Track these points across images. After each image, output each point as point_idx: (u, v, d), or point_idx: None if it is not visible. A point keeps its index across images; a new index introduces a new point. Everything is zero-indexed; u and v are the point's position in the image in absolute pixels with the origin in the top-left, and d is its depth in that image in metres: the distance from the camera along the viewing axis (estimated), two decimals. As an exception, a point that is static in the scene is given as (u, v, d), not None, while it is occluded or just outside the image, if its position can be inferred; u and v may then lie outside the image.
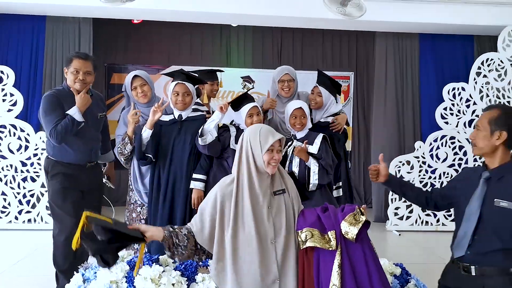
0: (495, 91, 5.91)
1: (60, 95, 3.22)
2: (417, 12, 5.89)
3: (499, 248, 2.01)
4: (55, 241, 3.29)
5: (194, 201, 3.16)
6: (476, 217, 2.05)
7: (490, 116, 2.10)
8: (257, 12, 5.77)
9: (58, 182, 3.25)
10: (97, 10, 5.66)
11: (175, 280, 2.69)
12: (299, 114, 3.21)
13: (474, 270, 2.04)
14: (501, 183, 2.05)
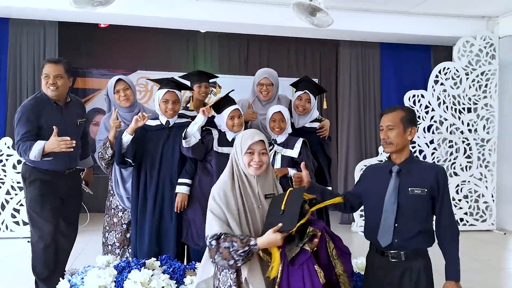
0: (451, 98, 6.26)
1: (38, 105, 3.14)
2: (378, 23, 6.19)
3: (418, 231, 2.22)
4: (34, 248, 3.22)
5: (178, 204, 3.18)
6: (395, 207, 2.25)
7: (400, 116, 2.31)
8: (224, 19, 5.87)
9: (37, 189, 3.19)
10: (63, 14, 5.57)
11: (164, 283, 2.73)
12: (278, 118, 3.27)
13: (403, 255, 2.24)
14: (410, 174, 2.27)
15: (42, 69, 3.20)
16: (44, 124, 3.13)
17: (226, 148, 3.15)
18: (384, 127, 2.32)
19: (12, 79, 5.81)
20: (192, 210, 3.15)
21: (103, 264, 2.96)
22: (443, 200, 2.24)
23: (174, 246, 3.19)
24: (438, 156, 6.26)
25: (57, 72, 3.17)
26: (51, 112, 3.17)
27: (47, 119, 3.14)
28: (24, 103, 3.18)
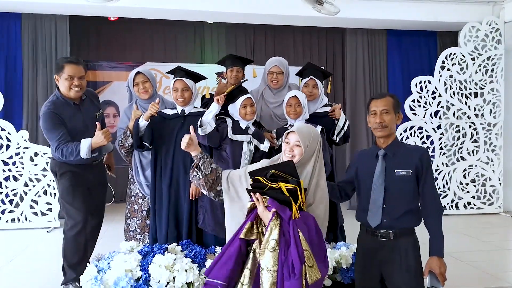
0: (458, 83, 6.33)
1: (57, 109, 3.20)
2: (384, 10, 6.24)
3: (405, 211, 2.35)
4: (66, 236, 3.36)
5: (192, 192, 3.29)
6: (382, 188, 2.37)
7: (391, 102, 2.43)
8: (231, 10, 5.93)
9: (67, 180, 3.31)
10: (73, 8, 5.66)
11: (187, 266, 2.85)
12: (294, 102, 3.35)
13: (391, 235, 2.37)
14: (396, 157, 2.39)
15: (61, 70, 3.21)
16: (68, 125, 3.22)
17: (239, 135, 3.26)
18: (378, 111, 2.41)
19: (26, 74, 5.92)
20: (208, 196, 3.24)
21: (127, 250, 3.08)
22: (426, 179, 2.34)
23: (187, 231, 3.30)
24: (445, 141, 6.35)
25: (81, 73, 3.26)
26: (71, 113, 3.26)
27: (69, 120, 3.23)
28: (44, 110, 3.20)
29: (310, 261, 1.96)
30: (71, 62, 3.24)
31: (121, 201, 6.94)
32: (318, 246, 2.04)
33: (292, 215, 2.01)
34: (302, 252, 1.97)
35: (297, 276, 1.91)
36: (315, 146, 2.29)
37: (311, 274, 1.95)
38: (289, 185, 2.03)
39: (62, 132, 3.16)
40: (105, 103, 7.16)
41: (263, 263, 2.03)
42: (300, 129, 2.31)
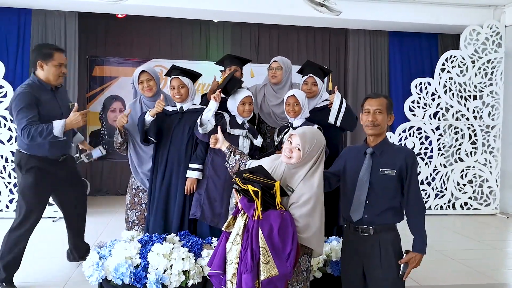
0: (457, 85, 6.43)
1: (34, 91, 3.19)
2: (387, 12, 6.35)
3: (387, 208, 2.44)
4: (9, 234, 3.31)
5: (188, 188, 3.41)
6: (367, 185, 2.47)
7: (385, 102, 2.54)
8: (236, 9, 6.07)
9: (32, 176, 3.27)
10: (83, 4, 5.82)
11: (184, 255, 2.99)
12: (292, 101, 3.39)
13: (371, 230, 2.47)
14: (383, 156, 2.48)
15: (49, 57, 3.23)
16: (43, 110, 3.21)
17: (237, 130, 3.36)
18: (371, 110, 2.51)
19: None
20: (206, 189, 3.35)
21: (128, 239, 3.23)
22: (410, 180, 2.43)
23: (178, 223, 3.41)
24: (444, 142, 6.45)
25: (66, 61, 3.36)
26: (47, 98, 3.27)
27: (44, 104, 3.23)
28: (21, 90, 3.17)
29: (266, 258, 2.09)
30: (60, 50, 3.31)
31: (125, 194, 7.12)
32: (279, 244, 2.13)
33: (255, 214, 2.14)
34: (257, 249, 2.11)
35: (248, 270, 2.09)
36: (316, 153, 2.37)
37: (265, 270, 2.08)
38: (254, 188, 2.18)
39: (34, 113, 3.13)
40: (112, 98, 7.34)
41: (228, 256, 2.22)
42: (304, 134, 2.37)
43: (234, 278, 2.17)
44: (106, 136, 7.36)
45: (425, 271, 2.46)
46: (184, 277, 2.94)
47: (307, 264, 2.37)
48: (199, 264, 3.02)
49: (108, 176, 7.44)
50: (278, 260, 2.10)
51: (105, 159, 7.14)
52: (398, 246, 2.48)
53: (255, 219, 2.14)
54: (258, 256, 2.10)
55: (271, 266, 2.09)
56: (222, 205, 3.30)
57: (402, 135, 6.31)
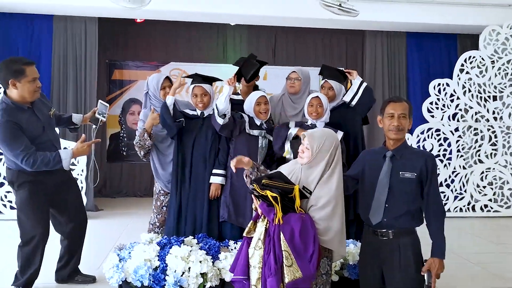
0: (476, 86, 6.35)
1: (12, 117, 2.99)
2: (404, 13, 6.31)
3: (406, 211, 2.42)
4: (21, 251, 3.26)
5: (212, 194, 3.45)
6: (386, 188, 2.46)
7: (407, 107, 2.54)
8: (253, 12, 6.12)
9: (26, 191, 3.15)
10: (103, 10, 5.93)
11: (202, 258, 3.04)
12: (315, 103, 3.41)
13: (391, 234, 2.46)
14: (402, 159, 2.48)
15: (21, 74, 2.98)
16: (26, 132, 3.03)
17: (256, 130, 3.43)
18: (396, 115, 2.50)
19: (56, 73, 6.24)
20: (230, 191, 3.40)
21: (147, 241, 3.30)
22: (430, 184, 2.43)
23: (206, 225, 3.46)
24: (463, 143, 6.38)
25: (38, 73, 3.12)
26: (26, 118, 3.07)
27: (26, 126, 3.04)
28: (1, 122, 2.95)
29: (289, 261, 2.12)
30: (30, 64, 3.06)
31: (144, 195, 7.26)
32: (301, 247, 2.16)
33: (276, 219, 2.17)
34: (280, 252, 2.14)
35: (273, 274, 2.12)
36: (328, 152, 2.37)
37: (289, 273, 2.11)
38: (273, 193, 2.21)
39: (24, 142, 2.98)
40: (131, 101, 7.46)
41: (251, 261, 2.26)
42: (311, 133, 2.42)
43: (258, 282, 2.21)
44: (125, 139, 7.48)
45: (443, 274, 2.44)
46: (202, 279, 2.99)
47: (327, 268, 2.38)
48: (217, 266, 3.07)
49: (127, 178, 7.56)
50: (301, 262, 2.14)
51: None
52: (417, 250, 2.47)
53: (275, 223, 2.17)
54: (281, 260, 2.13)
55: (295, 268, 2.12)
56: (246, 206, 3.35)
57: (420, 137, 6.26)
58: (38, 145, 3.08)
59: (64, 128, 3.78)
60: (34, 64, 3.10)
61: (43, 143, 3.13)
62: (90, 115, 3.71)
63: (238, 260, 2.36)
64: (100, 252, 4.26)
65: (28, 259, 3.23)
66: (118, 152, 7.48)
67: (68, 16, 6.21)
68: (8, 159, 3.13)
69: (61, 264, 3.53)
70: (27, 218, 3.19)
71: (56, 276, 3.55)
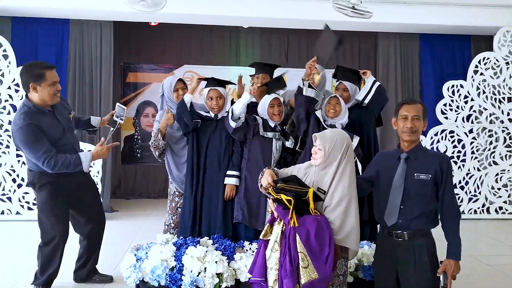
0: (491, 88, 6.32)
1: (34, 120, 3.06)
2: (417, 14, 6.29)
3: (421, 213, 2.44)
4: (41, 251, 3.33)
5: (227, 194, 3.49)
6: (401, 190, 2.48)
7: (422, 109, 2.54)
8: (265, 15, 6.14)
9: (47, 192, 3.21)
10: (118, 14, 6.01)
11: (217, 258, 3.08)
12: (334, 102, 3.49)
13: (406, 235, 2.48)
14: (417, 161, 2.49)
15: (41, 77, 3.06)
16: (47, 135, 3.11)
17: (270, 132, 3.47)
18: (409, 117, 2.52)
19: (72, 76, 6.34)
20: (244, 193, 3.43)
21: (163, 242, 3.35)
22: (445, 185, 2.44)
23: (221, 226, 3.50)
24: (477, 145, 6.34)
25: (58, 77, 3.20)
26: (48, 121, 3.15)
27: (48, 129, 3.12)
28: (22, 124, 3.03)
29: (305, 262, 2.16)
30: (50, 68, 3.13)
31: (158, 197, 7.33)
32: (317, 248, 2.20)
33: (291, 222, 2.21)
34: (296, 254, 2.18)
35: (288, 276, 2.16)
36: (339, 152, 2.40)
37: (305, 274, 2.15)
38: (287, 197, 2.26)
39: (46, 144, 3.05)
40: (145, 103, 7.55)
41: (269, 263, 2.30)
42: (323, 134, 2.45)
43: (275, 284, 2.24)
44: (139, 141, 7.56)
45: (458, 276, 2.44)
46: (218, 279, 3.02)
47: (344, 269, 2.41)
48: (232, 267, 3.10)
49: (141, 179, 7.64)
50: (317, 264, 2.17)
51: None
52: (432, 252, 2.48)
53: (291, 226, 2.20)
54: (297, 261, 2.16)
55: (311, 270, 2.15)
56: (259, 207, 3.38)
57: (434, 139, 6.24)
58: (59, 148, 3.15)
59: (83, 130, 3.84)
60: (54, 68, 3.17)
61: (63, 145, 3.21)
62: (108, 117, 3.80)
63: (256, 262, 2.40)
64: (116, 253, 4.33)
65: (48, 259, 3.30)
66: (133, 154, 7.57)
67: (84, 20, 6.30)
68: (30, 161, 3.19)
69: (80, 263, 3.59)
70: (47, 219, 3.26)
71: (74, 275, 3.62)
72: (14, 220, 5.72)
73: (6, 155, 5.74)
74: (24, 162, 5.70)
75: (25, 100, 3.15)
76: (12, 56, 5.68)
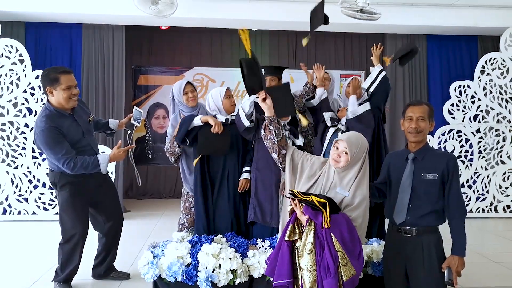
0: (498, 88, 6.38)
1: (55, 122, 3.18)
2: (424, 16, 6.37)
3: (430, 211, 2.52)
4: (62, 248, 3.45)
5: (241, 186, 3.58)
6: (409, 189, 2.55)
7: (427, 110, 2.62)
8: (274, 18, 6.25)
9: (67, 192, 3.33)
10: (130, 18, 6.13)
11: (231, 255, 3.17)
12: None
13: (414, 231, 2.56)
14: (424, 160, 2.57)
15: (56, 81, 3.17)
16: (67, 137, 3.22)
17: None
18: (414, 117, 2.60)
19: (85, 79, 6.48)
20: (255, 193, 3.53)
21: (179, 239, 3.45)
22: (451, 184, 2.51)
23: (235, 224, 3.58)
24: (485, 144, 6.40)
25: (75, 81, 3.28)
26: (68, 124, 3.26)
27: (67, 132, 3.23)
28: (44, 126, 3.15)
29: (344, 260, 2.24)
30: (66, 72, 3.23)
31: (170, 197, 7.46)
32: (351, 245, 2.29)
33: (324, 223, 2.27)
34: (336, 253, 2.25)
35: (332, 275, 2.22)
36: (362, 155, 2.51)
37: (346, 272, 2.23)
38: (320, 199, 2.32)
39: (66, 146, 3.17)
40: (155, 106, 7.68)
41: (303, 264, 2.35)
42: (349, 138, 2.53)
43: (314, 284, 2.29)
44: (151, 142, 7.69)
45: (467, 273, 2.52)
46: (232, 275, 3.11)
47: None
48: (246, 263, 3.20)
49: (152, 180, 7.77)
50: (353, 260, 2.26)
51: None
52: (440, 248, 2.55)
53: (324, 227, 2.27)
54: (338, 260, 2.24)
55: (350, 267, 2.24)
56: (271, 205, 3.47)
57: (442, 138, 6.31)
58: (78, 149, 3.28)
59: (101, 132, 3.97)
60: (71, 73, 3.28)
61: (83, 147, 3.34)
62: (126, 120, 3.93)
63: (280, 265, 2.42)
64: (132, 251, 4.45)
65: (68, 256, 3.42)
66: (144, 155, 7.70)
67: (96, 25, 6.44)
68: (51, 162, 3.32)
69: (98, 261, 3.71)
70: (68, 217, 3.38)
71: (92, 272, 3.74)
72: (30, 220, 5.87)
73: (23, 157, 5.88)
74: (40, 163, 5.87)
75: (46, 103, 3.29)
76: (27, 60, 5.84)
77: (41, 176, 5.88)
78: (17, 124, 5.88)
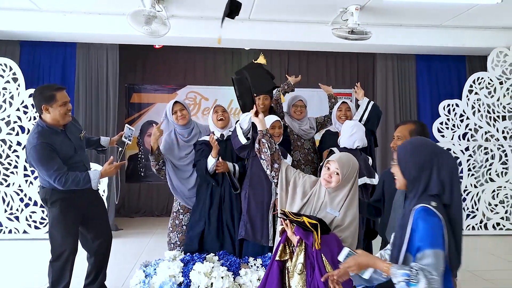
0: (485, 106, 6.50)
1: (47, 139, 3.22)
2: (413, 36, 6.48)
3: None
4: (52, 266, 3.43)
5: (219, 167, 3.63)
6: (402, 206, 2.59)
7: (409, 128, 2.71)
8: (266, 38, 6.32)
9: (58, 209, 3.34)
10: (124, 37, 6.19)
11: (223, 274, 3.21)
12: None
13: None
14: None
15: (51, 99, 3.21)
16: (60, 153, 3.26)
17: None
18: (395, 137, 2.71)
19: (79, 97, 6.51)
20: (247, 210, 3.58)
21: (171, 258, 3.48)
22: None
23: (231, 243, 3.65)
24: (474, 162, 6.49)
25: (68, 97, 3.34)
26: (60, 140, 3.30)
27: (60, 148, 3.27)
28: (36, 143, 3.18)
29: None
30: (60, 89, 3.29)
31: (162, 215, 7.45)
32: None
33: (315, 244, 2.31)
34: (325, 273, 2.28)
35: None
36: (352, 175, 2.57)
37: None
38: (311, 220, 2.37)
39: (58, 162, 3.20)
40: (149, 123, 7.71)
41: (293, 284, 2.40)
42: (340, 158, 2.59)
43: None
44: (143, 160, 7.70)
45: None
46: (224, 294, 3.15)
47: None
48: (238, 282, 3.23)
49: (145, 198, 7.76)
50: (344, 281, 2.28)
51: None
52: None
53: (315, 248, 2.32)
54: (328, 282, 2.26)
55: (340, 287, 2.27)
56: (262, 223, 3.51)
57: (431, 156, 6.36)
58: (70, 165, 3.31)
59: (92, 149, 4.00)
60: (64, 89, 3.34)
61: (75, 163, 3.36)
62: (117, 138, 3.96)
63: (270, 285, 2.47)
64: (123, 270, 4.45)
65: (59, 274, 3.41)
66: (136, 173, 7.71)
67: (90, 44, 6.50)
68: (42, 178, 3.34)
69: (89, 280, 3.70)
70: (58, 233, 3.38)
71: None
72: (21, 239, 5.83)
73: (14, 175, 5.88)
74: (31, 182, 5.86)
75: (39, 120, 3.33)
76: (21, 79, 5.88)
77: (33, 194, 5.87)
78: (10, 142, 5.89)
